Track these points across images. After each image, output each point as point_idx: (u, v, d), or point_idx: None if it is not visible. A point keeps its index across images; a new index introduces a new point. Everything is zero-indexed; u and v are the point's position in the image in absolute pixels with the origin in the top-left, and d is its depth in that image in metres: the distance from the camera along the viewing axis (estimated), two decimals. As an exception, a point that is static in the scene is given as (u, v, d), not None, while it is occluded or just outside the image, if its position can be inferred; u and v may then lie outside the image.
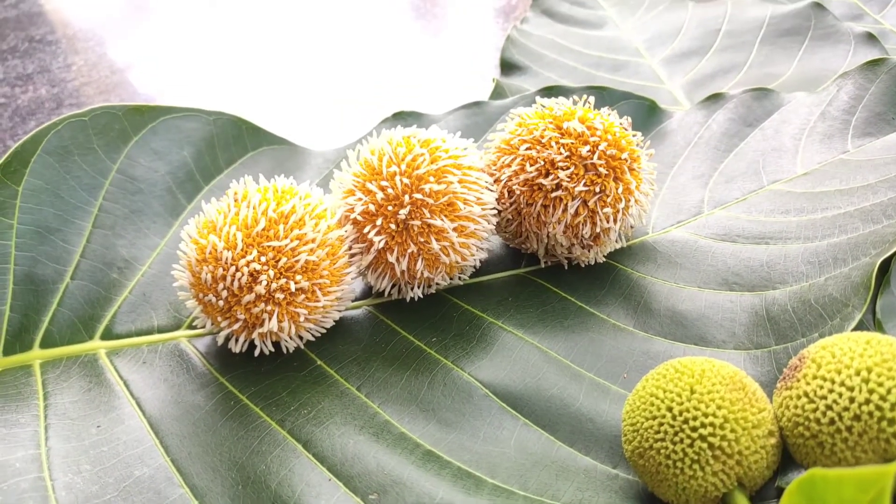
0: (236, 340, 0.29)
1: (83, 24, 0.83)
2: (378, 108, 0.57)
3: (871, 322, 0.28)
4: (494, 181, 0.33)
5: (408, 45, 0.73)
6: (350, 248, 0.31)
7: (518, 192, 0.32)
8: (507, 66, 0.56)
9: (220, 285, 0.28)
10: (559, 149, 0.31)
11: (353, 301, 0.33)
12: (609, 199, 0.32)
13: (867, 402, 0.21)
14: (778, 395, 0.24)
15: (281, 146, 0.41)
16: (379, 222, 0.30)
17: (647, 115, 0.43)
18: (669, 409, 0.23)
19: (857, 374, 0.21)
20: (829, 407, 0.21)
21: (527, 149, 0.32)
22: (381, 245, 0.30)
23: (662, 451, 0.22)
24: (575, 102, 0.33)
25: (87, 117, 0.37)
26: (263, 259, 0.28)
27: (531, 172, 0.32)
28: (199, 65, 0.71)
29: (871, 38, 0.49)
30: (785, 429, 0.23)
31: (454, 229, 0.30)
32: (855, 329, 0.27)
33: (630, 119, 0.33)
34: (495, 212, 0.32)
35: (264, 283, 0.28)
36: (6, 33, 0.80)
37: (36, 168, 0.35)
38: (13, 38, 0.78)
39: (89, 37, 0.78)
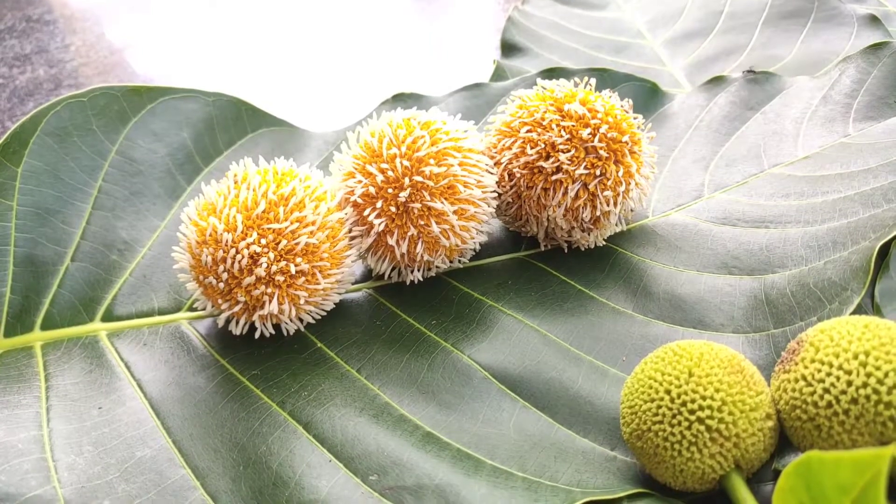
0: (237, 323, 0.29)
1: (81, 3, 0.82)
2: (378, 89, 0.56)
3: (870, 306, 0.28)
4: (495, 164, 0.33)
5: (408, 25, 0.72)
6: (350, 230, 0.31)
7: (518, 175, 0.32)
8: (508, 48, 0.55)
9: (221, 267, 0.28)
10: (560, 131, 0.31)
11: (353, 284, 0.33)
12: (609, 183, 0.31)
13: (864, 385, 0.21)
14: (776, 379, 0.24)
15: (280, 128, 0.41)
16: (379, 205, 0.30)
17: (648, 97, 0.43)
18: (668, 392, 0.23)
19: (855, 357, 0.21)
20: (826, 390, 0.22)
21: (527, 131, 0.32)
22: (381, 228, 0.30)
23: (660, 433, 0.23)
24: (576, 85, 0.33)
25: (85, 98, 0.37)
26: (263, 241, 0.28)
27: (532, 155, 0.31)
28: (198, 45, 0.70)
29: (874, 20, 0.48)
30: (782, 412, 0.23)
31: (454, 212, 0.30)
32: (853, 313, 0.27)
33: (631, 101, 0.33)
34: (495, 195, 0.32)
35: (264, 265, 0.28)
36: (3, 13, 0.79)
37: (35, 149, 0.34)
38: (10, 17, 0.78)
39: (87, 16, 0.78)
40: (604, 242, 0.34)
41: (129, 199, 0.35)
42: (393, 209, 0.30)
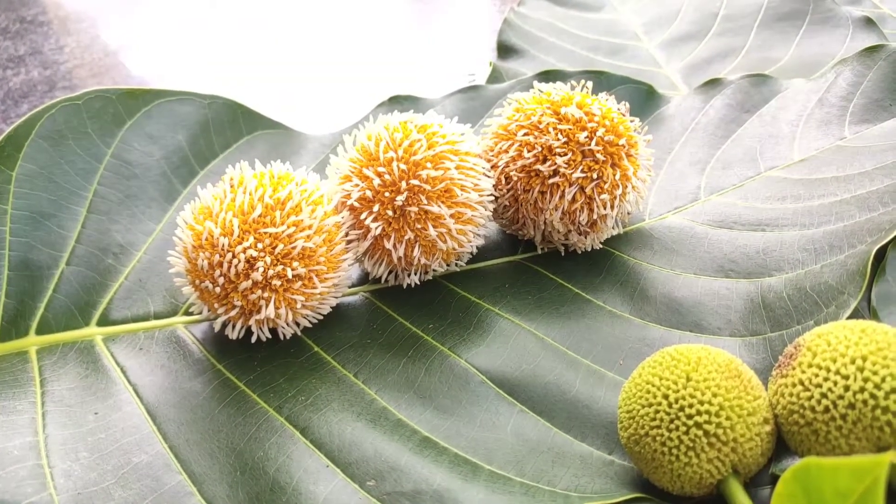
0: (233, 327, 0.29)
1: (75, 4, 0.82)
2: (374, 91, 0.56)
3: (867, 310, 0.29)
4: (492, 167, 0.33)
5: (404, 27, 0.72)
6: (347, 234, 0.31)
7: (515, 179, 0.32)
8: (505, 50, 0.55)
9: (217, 272, 0.28)
10: (557, 135, 0.31)
11: (349, 287, 0.33)
12: (606, 186, 0.31)
13: (862, 390, 0.21)
14: (773, 383, 0.24)
15: (276, 130, 0.41)
16: (376, 208, 0.30)
17: (644, 99, 0.43)
18: (665, 397, 0.23)
19: (852, 362, 0.21)
20: (823, 395, 0.22)
21: (524, 134, 0.32)
22: (378, 231, 0.30)
23: (658, 438, 0.23)
24: (573, 87, 0.33)
25: (80, 101, 0.36)
26: (260, 245, 0.28)
27: (528, 158, 0.31)
28: (194, 47, 0.70)
29: (869, 22, 0.49)
30: (780, 416, 0.23)
31: (451, 216, 0.30)
32: (850, 317, 0.27)
33: (628, 104, 0.33)
34: (492, 198, 0.32)
35: (261, 269, 0.28)
36: (-3, 14, 0.79)
37: (30, 153, 0.34)
38: (4, 18, 0.77)
39: (82, 18, 0.77)
40: (601, 246, 0.34)
41: (125, 203, 0.35)
42: (390, 213, 0.30)
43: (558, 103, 0.32)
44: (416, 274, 0.32)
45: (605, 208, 0.32)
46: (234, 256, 0.28)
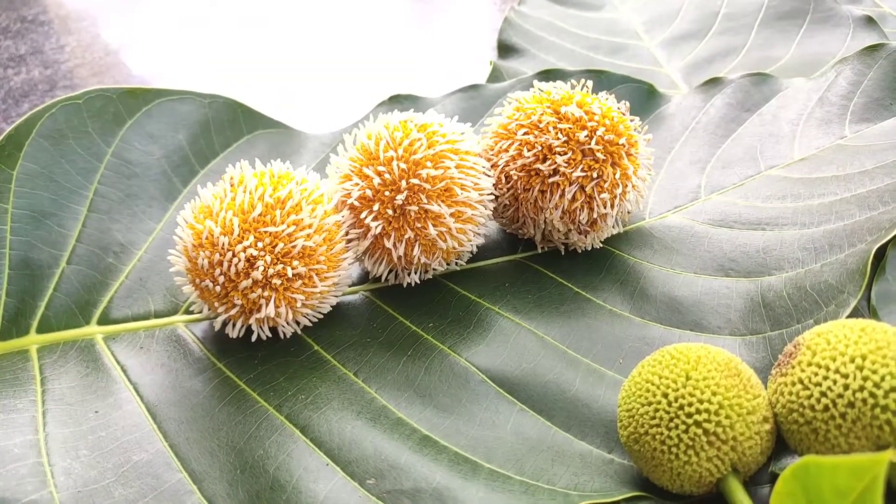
0: (233, 326, 0.29)
1: (76, 3, 0.82)
2: (374, 90, 0.57)
3: (867, 309, 0.29)
4: (492, 166, 0.33)
5: (404, 26, 0.72)
6: (347, 233, 0.31)
7: (515, 178, 0.32)
8: (505, 49, 0.55)
9: (217, 271, 0.28)
10: (557, 134, 0.31)
11: (350, 286, 0.33)
12: (606, 185, 0.31)
13: (861, 389, 0.21)
14: (773, 382, 0.24)
15: (276, 129, 0.41)
16: (376, 207, 0.30)
17: (645, 98, 0.43)
18: (665, 396, 0.23)
19: (852, 361, 0.21)
20: (823, 394, 0.22)
21: (524, 134, 0.32)
22: (378, 230, 0.30)
23: (658, 436, 0.23)
24: (573, 86, 0.33)
25: (81, 100, 0.36)
26: (260, 244, 0.28)
27: (528, 157, 0.31)
28: (194, 46, 0.70)
29: (870, 21, 0.49)
30: (779, 415, 0.23)
31: (451, 215, 0.30)
32: (850, 316, 0.27)
33: (628, 103, 0.33)
34: (492, 197, 0.32)
35: (261, 268, 0.28)
36: (-2, 13, 0.79)
37: (30, 152, 0.34)
38: (5, 18, 0.77)
39: (83, 17, 0.78)
40: (601, 244, 0.34)
41: (125, 202, 0.35)
42: (390, 212, 0.30)
43: (558, 102, 0.32)
44: (416, 273, 0.32)
45: (605, 207, 0.32)
46: (234, 255, 0.28)
